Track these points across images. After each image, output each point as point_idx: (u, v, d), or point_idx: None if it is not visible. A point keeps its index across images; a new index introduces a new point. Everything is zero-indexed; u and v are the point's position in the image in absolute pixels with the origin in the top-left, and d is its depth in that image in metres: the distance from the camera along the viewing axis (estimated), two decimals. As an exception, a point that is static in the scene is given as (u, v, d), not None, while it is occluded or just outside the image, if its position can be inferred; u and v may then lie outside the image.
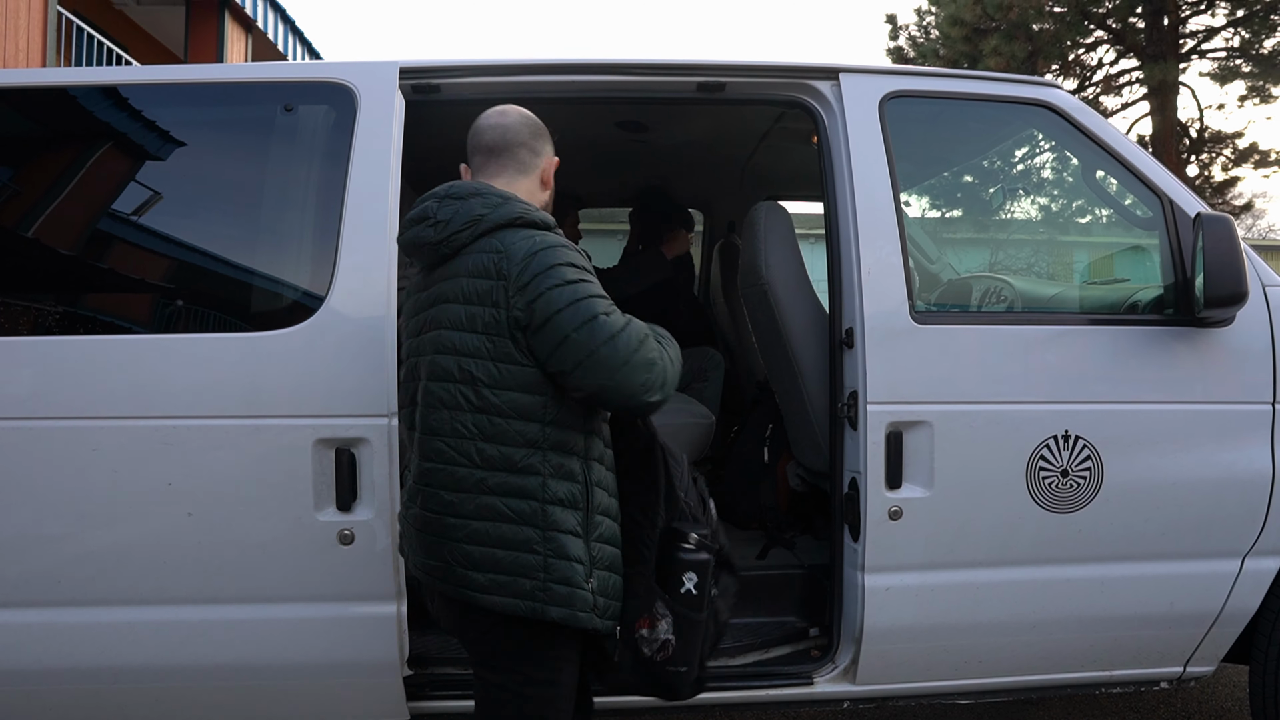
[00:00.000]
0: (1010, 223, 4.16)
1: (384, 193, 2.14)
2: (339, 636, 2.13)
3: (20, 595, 2.06)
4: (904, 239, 2.30)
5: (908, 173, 2.57)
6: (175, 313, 2.17)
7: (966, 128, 2.84)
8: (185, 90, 2.29)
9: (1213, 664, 2.48)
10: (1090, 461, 2.27)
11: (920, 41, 14.56)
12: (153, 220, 2.21)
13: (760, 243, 2.64)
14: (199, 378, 2.07)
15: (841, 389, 2.33)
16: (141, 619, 2.08)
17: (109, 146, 2.28)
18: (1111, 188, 2.59)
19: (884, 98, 2.37)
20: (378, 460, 2.08)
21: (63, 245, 2.20)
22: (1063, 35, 12.44)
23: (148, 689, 2.13)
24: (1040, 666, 2.40)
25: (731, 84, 2.41)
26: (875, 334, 2.24)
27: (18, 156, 2.28)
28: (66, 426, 2.04)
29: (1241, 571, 2.36)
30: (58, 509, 2.04)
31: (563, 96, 2.41)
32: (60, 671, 2.08)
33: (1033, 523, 2.27)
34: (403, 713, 2.22)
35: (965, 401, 2.25)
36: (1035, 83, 2.50)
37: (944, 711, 3.18)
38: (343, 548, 2.08)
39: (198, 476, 2.05)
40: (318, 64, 2.48)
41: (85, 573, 2.06)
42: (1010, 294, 2.79)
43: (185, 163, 2.27)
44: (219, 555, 2.07)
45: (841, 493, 2.34)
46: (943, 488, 2.23)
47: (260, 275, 2.20)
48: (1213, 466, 2.32)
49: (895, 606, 2.26)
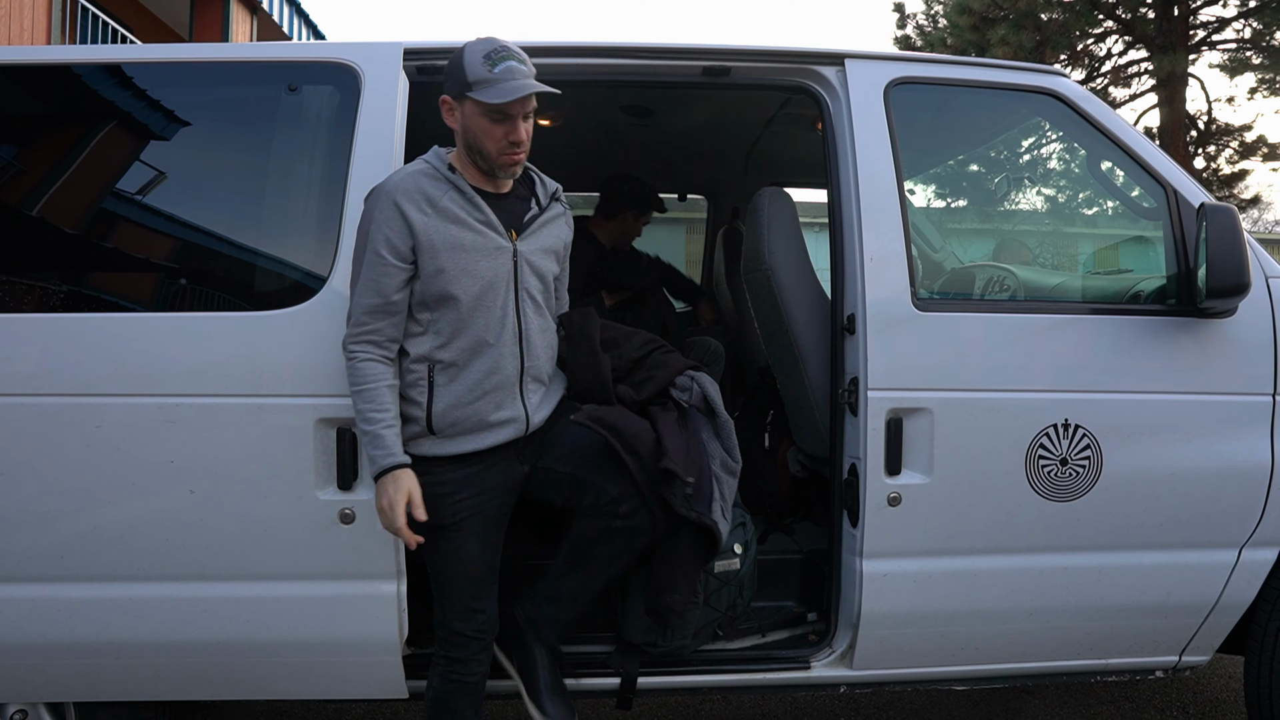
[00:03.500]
0: (1015, 212, 4.16)
1: (387, 173, 2.14)
2: (339, 614, 2.14)
3: (25, 570, 2.07)
4: (907, 226, 2.29)
5: (912, 160, 2.56)
6: (178, 292, 2.18)
7: (972, 115, 2.83)
8: (189, 69, 2.28)
9: (1208, 654, 2.49)
10: (1090, 450, 2.27)
11: (928, 30, 14.48)
12: (156, 199, 2.21)
13: (763, 229, 2.64)
14: (202, 356, 2.08)
15: (842, 375, 2.33)
16: (144, 595, 2.10)
17: (113, 125, 2.28)
18: (1117, 178, 2.58)
19: (889, 84, 2.36)
20: (379, 440, 2.08)
21: (67, 224, 2.20)
22: (1071, 25, 12.36)
23: (150, 664, 2.15)
24: (1036, 654, 2.41)
25: (737, 69, 2.41)
26: (877, 320, 2.24)
27: (21, 135, 2.28)
28: (70, 404, 2.05)
29: (1238, 562, 2.37)
30: (62, 485, 2.05)
31: (567, 80, 2.40)
32: (64, 646, 2.10)
33: (1031, 511, 2.27)
34: (401, 690, 2.24)
35: (966, 389, 2.25)
36: (1041, 70, 2.48)
37: (940, 697, 3.20)
38: (344, 526, 2.09)
39: (200, 454, 2.06)
40: (322, 44, 2.46)
41: (88, 549, 2.07)
42: (1013, 283, 2.79)
43: (189, 142, 2.27)
44: (221, 533, 2.08)
45: (841, 479, 2.35)
46: (942, 475, 2.24)
47: (263, 255, 2.21)
48: (1212, 457, 2.32)
49: (893, 592, 2.27)
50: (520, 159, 1.98)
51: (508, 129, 1.92)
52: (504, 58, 1.90)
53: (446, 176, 1.97)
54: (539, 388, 2.09)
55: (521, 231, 2.03)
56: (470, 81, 1.90)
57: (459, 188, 1.96)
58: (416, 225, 1.91)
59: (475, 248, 1.95)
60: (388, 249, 1.91)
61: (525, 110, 1.93)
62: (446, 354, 1.97)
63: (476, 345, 1.97)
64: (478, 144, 1.95)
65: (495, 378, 1.99)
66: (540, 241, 2.06)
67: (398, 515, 1.89)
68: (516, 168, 2.00)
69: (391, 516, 1.90)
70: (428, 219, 1.92)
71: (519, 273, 2.01)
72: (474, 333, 1.96)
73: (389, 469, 1.91)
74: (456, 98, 1.96)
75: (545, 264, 2.07)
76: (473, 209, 1.96)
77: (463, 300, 1.94)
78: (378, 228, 1.92)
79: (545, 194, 2.11)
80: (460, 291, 1.93)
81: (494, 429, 2.02)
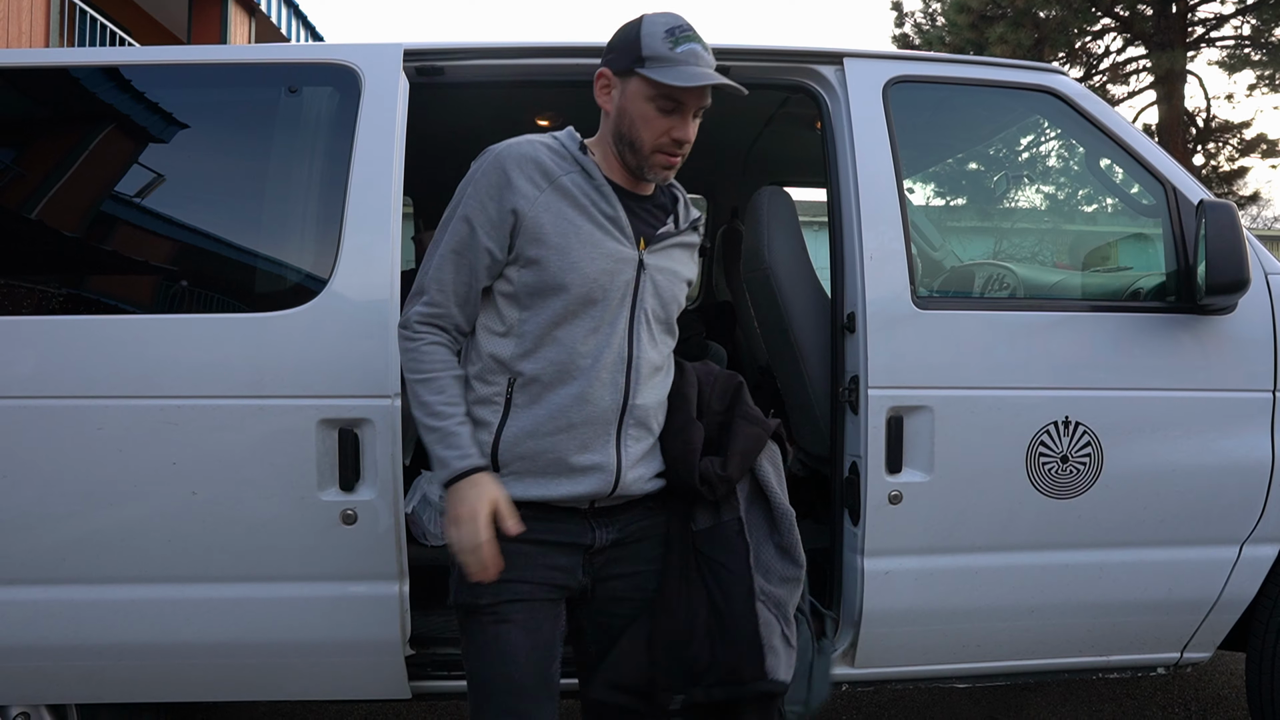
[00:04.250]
0: (1014, 210, 4.16)
1: (388, 175, 2.15)
2: (341, 615, 2.14)
3: (26, 572, 2.07)
4: (907, 224, 2.30)
5: (911, 158, 2.57)
6: (179, 293, 2.18)
7: (970, 113, 2.83)
8: (188, 71, 2.29)
9: (1209, 650, 2.49)
10: (1090, 447, 2.27)
11: (926, 29, 14.51)
12: (156, 202, 2.21)
13: (763, 228, 2.64)
14: (203, 358, 2.08)
15: (843, 373, 2.34)
16: (146, 596, 2.10)
17: (112, 128, 2.28)
18: (1115, 175, 2.59)
19: (888, 83, 2.37)
20: (380, 440, 2.09)
21: (67, 227, 2.21)
22: (1069, 23, 12.38)
23: (152, 665, 2.15)
24: (1038, 651, 2.42)
25: (735, 68, 2.41)
26: (877, 319, 2.25)
27: (20, 137, 2.28)
28: (71, 406, 2.05)
29: (1239, 558, 2.38)
30: (63, 487, 2.05)
31: (567, 80, 2.41)
32: (66, 648, 2.10)
33: (1032, 508, 2.28)
34: (404, 691, 2.24)
35: (966, 387, 2.26)
36: (1039, 68, 2.49)
37: (942, 695, 3.20)
38: (345, 527, 2.09)
39: (202, 456, 2.07)
40: (322, 45, 2.47)
41: (90, 550, 2.08)
42: (1013, 281, 2.79)
43: (188, 144, 2.27)
44: (222, 534, 2.09)
45: (842, 477, 2.35)
46: (943, 472, 2.24)
47: (264, 257, 2.21)
48: (1212, 453, 2.33)
49: (894, 590, 2.28)
50: (677, 163, 1.65)
51: (674, 123, 1.59)
52: (689, 38, 1.58)
53: (574, 156, 1.63)
54: (644, 436, 1.67)
55: (651, 243, 1.66)
56: (645, 56, 1.57)
57: (588, 172, 1.62)
58: (523, 198, 1.57)
59: (592, 242, 1.59)
60: (482, 220, 1.58)
61: (700, 104, 1.61)
62: (530, 365, 1.59)
63: (569, 363, 1.58)
64: (632, 132, 1.60)
65: (587, 409, 1.59)
66: (671, 261, 1.69)
67: (481, 528, 1.51)
68: (670, 172, 1.66)
69: (474, 529, 1.51)
70: (540, 194, 1.58)
71: (640, 288, 1.63)
72: (569, 345, 1.58)
73: (467, 472, 1.53)
74: (621, 73, 1.61)
75: (672, 288, 1.69)
76: (600, 199, 1.61)
77: (563, 301, 1.58)
78: (475, 192, 1.59)
79: (686, 216, 1.75)
80: (563, 289, 1.57)
81: (574, 476, 1.60)
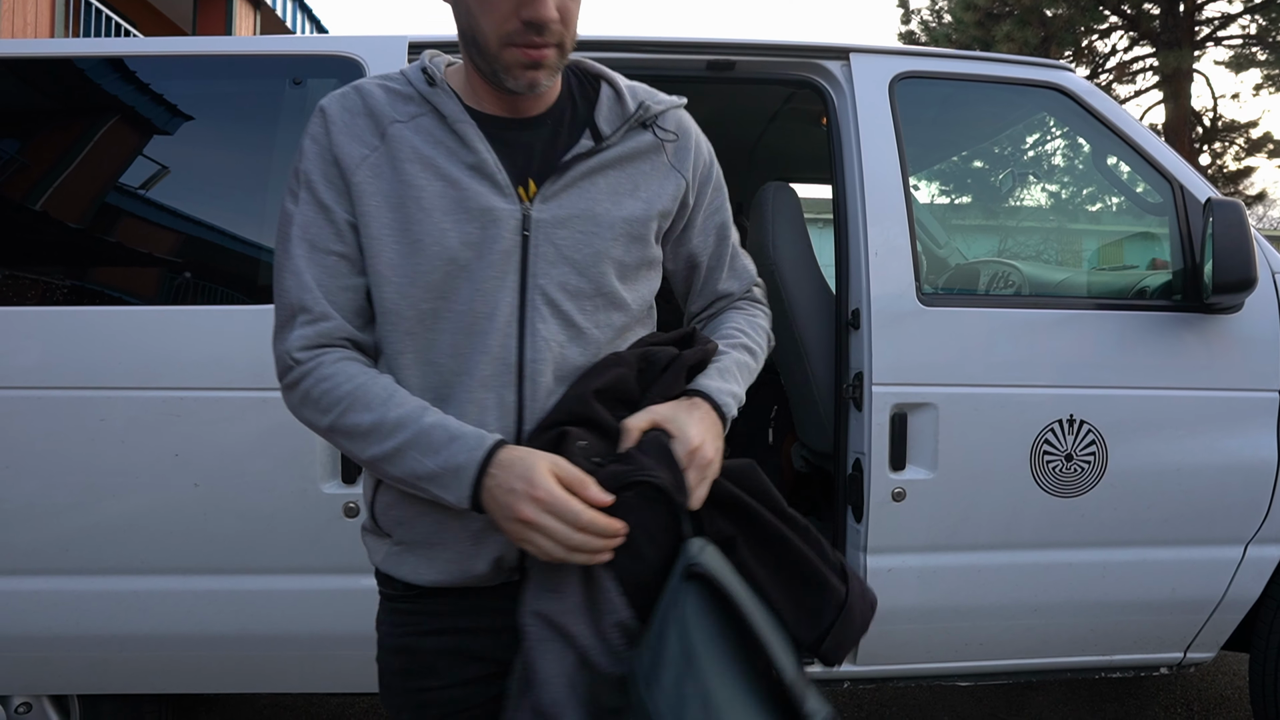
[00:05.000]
0: (1020, 208, 4.15)
1: (392, 167, 2.14)
2: (343, 608, 2.14)
3: (30, 563, 2.08)
4: (912, 221, 2.29)
5: (917, 155, 2.56)
6: (182, 285, 2.18)
7: (977, 110, 2.82)
8: (193, 63, 2.28)
9: (1213, 650, 2.48)
10: (1095, 446, 2.27)
11: (932, 26, 14.49)
12: (159, 193, 2.21)
13: (768, 224, 2.63)
14: (206, 350, 2.08)
15: (847, 370, 2.33)
16: (148, 588, 2.10)
17: (117, 119, 2.28)
18: (1122, 173, 2.58)
19: (894, 78, 2.36)
20: (383, 434, 2.08)
21: (70, 217, 2.20)
22: (1076, 21, 12.35)
23: (153, 657, 2.16)
24: (1041, 650, 2.41)
25: (741, 63, 2.40)
26: (882, 316, 2.24)
27: (25, 128, 2.28)
28: (75, 397, 2.05)
29: (1244, 559, 2.37)
30: (65, 478, 2.06)
31: (572, 73, 2.40)
32: (68, 638, 2.10)
33: (1036, 506, 2.27)
34: (406, 685, 2.24)
35: (971, 384, 2.25)
36: (1046, 65, 2.48)
37: (944, 693, 3.20)
38: (348, 520, 2.09)
39: (204, 448, 2.07)
40: (326, 37, 2.46)
41: (93, 541, 2.08)
42: (1018, 279, 2.78)
43: (193, 135, 2.27)
44: (225, 526, 2.09)
45: (845, 474, 2.35)
46: (946, 470, 2.24)
47: (267, 249, 2.21)
48: (1217, 453, 2.32)
49: (897, 588, 2.27)
50: (545, 57, 1.07)
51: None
52: None
53: (421, 92, 1.13)
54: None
55: (544, 182, 1.12)
56: None
57: (439, 110, 1.12)
58: (350, 163, 1.10)
59: (440, 208, 1.09)
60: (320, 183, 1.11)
61: None
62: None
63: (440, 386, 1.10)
64: (473, 26, 1.08)
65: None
66: (588, 201, 1.13)
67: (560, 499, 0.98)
68: (538, 72, 1.08)
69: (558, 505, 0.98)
70: (369, 154, 1.10)
71: (529, 257, 1.10)
72: (435, 363, 1.11)
73: (484, 462, 1.02)
74: None
75: (594, 243, 1.13)
76: (455, 143, 1.11)
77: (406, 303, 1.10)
78: (301, 160, 1.13)
79: (619, 114, 1.18)
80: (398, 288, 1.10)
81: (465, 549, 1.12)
